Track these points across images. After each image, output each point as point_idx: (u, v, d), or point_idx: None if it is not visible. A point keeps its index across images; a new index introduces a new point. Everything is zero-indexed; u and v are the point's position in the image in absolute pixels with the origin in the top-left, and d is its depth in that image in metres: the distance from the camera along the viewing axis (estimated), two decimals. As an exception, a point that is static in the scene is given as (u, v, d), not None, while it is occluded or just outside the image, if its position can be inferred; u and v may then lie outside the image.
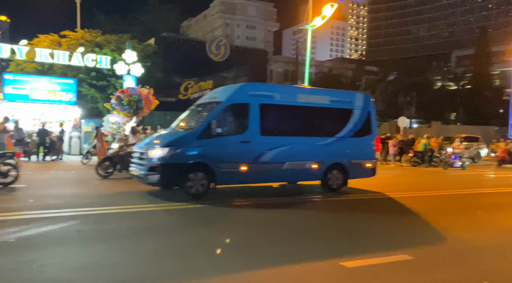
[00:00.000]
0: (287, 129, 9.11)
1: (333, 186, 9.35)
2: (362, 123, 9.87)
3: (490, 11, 77.71)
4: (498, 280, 4.08)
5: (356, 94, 10.51)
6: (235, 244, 5.13)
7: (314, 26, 21.38)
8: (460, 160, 17.52)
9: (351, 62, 64.29)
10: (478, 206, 8.72)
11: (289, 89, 10.51)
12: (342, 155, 9.43)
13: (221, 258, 4.57)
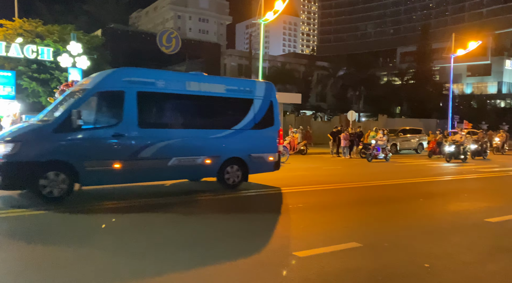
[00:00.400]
0: (174, 121, 8.25)
1: (231, 182, 8.69)
2: (264, 114, 9.27)
3: (430, 10, 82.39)
4: (439, 262, 4.37)
5: (257, 83, 9.68)
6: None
7: (266, 21, 21.48)
8: (383, 152, 17.53)
9: (303, 57, 65.48)
10: (420, 194, 9.29)
11: (176, 75, 9.27)
12: (240, 148, 8.81)
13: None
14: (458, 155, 17.52)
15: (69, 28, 25.13)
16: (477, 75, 65.05)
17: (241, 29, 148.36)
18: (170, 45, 35.85)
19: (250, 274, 3.90)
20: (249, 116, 9.04)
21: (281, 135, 9.71)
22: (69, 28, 25.14)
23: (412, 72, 50.80)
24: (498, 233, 5.73)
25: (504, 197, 9.08)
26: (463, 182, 11.81)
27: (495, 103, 57.41)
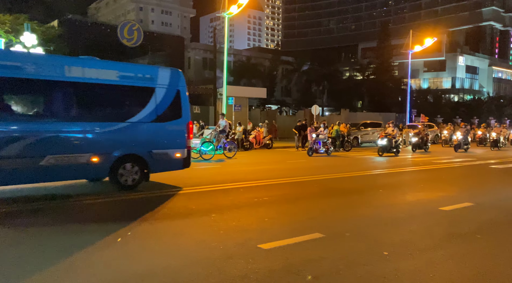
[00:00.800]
0: (47, 113, 7.17)
1: (127, 182, 7.70)
2: (169, 104, 8.31)
3: (390, 7, 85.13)
4: (396, 249, 4.58)
5: (160, 70, 8.51)
6: None
7: (230, 14, 21.38)
8: (324, 146, 17.17)
9: (268, 52, 65.83)
10: (379, 185, 9.65)
11: (52, 59, 7.57)
12: (138, 144, 7.84)
13: None
14: (391, 148, 17.15)
15: (23, 18, 23.91)
16: (433, 70, 68.12)
17: (205, 22, 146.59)
18: (132, 38, 34.86)
19: (214, 267, 3.91)
20: (150, 107, 8.01)
21: (191, 129, 8.69)
22: (22, 18, 23.91)
23: (373, 67, 52.43)
24: (451, 221, 6.07)
25: (456, 187, 9.62)
26: (419, 173, 12.39)
27: (449, 98, 60.43)
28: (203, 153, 14.40)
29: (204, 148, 14.47)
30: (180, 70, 8.88)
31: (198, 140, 14.68)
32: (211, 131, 15.39)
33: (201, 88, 31.69)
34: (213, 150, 14.65)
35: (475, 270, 4.00)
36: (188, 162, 8.69)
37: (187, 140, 8.56)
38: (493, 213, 6.66)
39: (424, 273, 3.87)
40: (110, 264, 4.02)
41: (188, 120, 8.62)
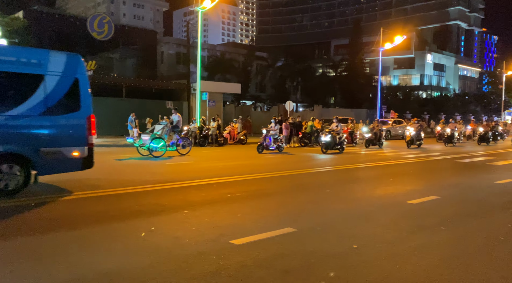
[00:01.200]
0: None
1: (8, 187, 6.56)
2: (63, 95, 7.23)
3: (362, 4, 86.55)
4: (365, 242, 4.71)
5: (51, 54, 7.38)
6: None
7: (204, 8, 21.17)
8: (275, 143, 16.52)
9: (242, 47, 65.61)
10: (350, 180, 9.87)
11: None
12: (19, 141, 6.69)
13: None
14: (335, 145, 16.41)
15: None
16: (403, 68, 70.01)
17: (179, 16, 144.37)
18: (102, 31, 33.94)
19: (185, 264, 3.90)
20: (37, 98, 6.86)
21: (93, 123, 7.51)
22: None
23: (345, 64, 53.27)
24: (418, 213, 6.28)
25: (422, 181, 9.96)
26: (387, 167, 12.74)
27: (418, 94, 62.32)
28: (154, 150, 13.51)
29: (155, 145, 13.53)
30: (79, 55, 7.69)
31: (148, 136, 13.70)
32: (162, 126, 14.41)
33: (175, 83, 31.25)
34: (164, 147, 13.76)
35: (438, 260, 4.17)
36: (89, 161, 7.53)
37: (88, 136, 7.40)
38: (457, 205, 6.94)
39: (390, 265, 3.99)
40: (76, 263, 3.92)
41: (89, 113, 7.46)
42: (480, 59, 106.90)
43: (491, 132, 25.08)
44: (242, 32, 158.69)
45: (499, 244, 4.79)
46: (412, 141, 20.08)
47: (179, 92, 29.63)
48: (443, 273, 3.82)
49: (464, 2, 79.01)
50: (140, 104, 25.22)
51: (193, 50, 29.80)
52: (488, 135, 24.31)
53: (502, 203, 7.14)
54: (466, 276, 3.76)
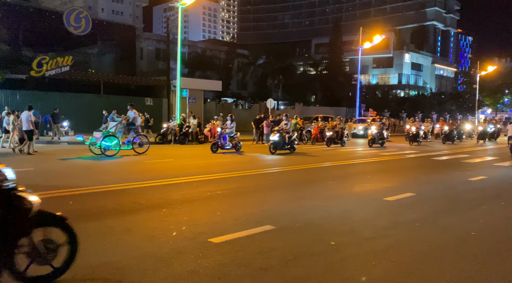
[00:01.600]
0: None
1: None
2: None
3: (342, 4, 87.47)
4: (343, 239, 4.76)
5: None
6: None
7: (184, 4, 20.96)
8: (231, 141, 15.52)
9: (224, 44, 65.25)
10: (329, 177, 9.97)
11: None
12: None
13: None
14: (284, 145, 15.20)
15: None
16: (382, 67, 71.21)
17: (159, 12, 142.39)
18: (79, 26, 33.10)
19: (162, 263, 3.86)
20: None
21: None
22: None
23: (326, 63, 53.74)
24: (394, 210, 6.41)
25: (399, 178, 10.16)
26: (366, 165, 12.95)
27: (396, 93, 63.52)
28: (106, 149, 12.71)
29: (107, 143, 12.73)
30: None
31: (100, 133, 12.89)
32: (116, 123, 13.43)
33: (154, 79, 30.84)
34: (118, 145, 12.93)
35: (413, 256, 4.26)
36: None
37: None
38: (431, 202, 7.11)
39: (367, 262, 4.06)
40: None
41: None
42: (455, 59, 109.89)
43: (456, 131, 24.75)
44: (223, 29, 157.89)
45: (471, 239, 4.94)
46: (374, 140, 19.58)
47: (158, 89, 29.26)
48: (418, 269, 3.91)
49: (440, 3, 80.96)
50: (118, 101, 24.78)
51: (173, 47, 29.41)
52: (453, 133, 23.75)
53: (474, 200, 7.36)
54: (439, 271, 3.85)
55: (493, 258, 4.28)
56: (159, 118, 25.12)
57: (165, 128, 19.89)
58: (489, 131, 26.73)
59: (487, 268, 3.99)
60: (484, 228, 5.43)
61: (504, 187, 8.92)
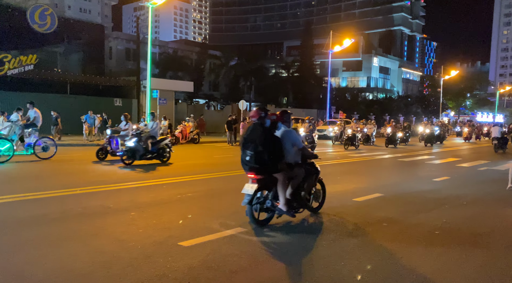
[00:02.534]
0: None
1: None
2: None
3: (312, 7, 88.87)
4: (313, 240, 4.82)
5: None
6: None
7: (155, 4, 20.62)
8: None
9: (195, 45, 64.76)
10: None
11: None
12: None
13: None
14: (145, 152, 11.58)
15: None
16: (351, 70, 72.86)
17: (129, 11, 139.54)
18: (44, 23, 31.91)
19: (130, 268, 3.77)
20: None
21: None
22: None
23: (297, 65, 54.40)
24: (363, 210, 6.54)
25: (368, 179, 10.41)
26: (334, 166, 13.20)
27: (365, 96, 65.11)
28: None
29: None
30: None
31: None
32: (9, 124, 11.73)
33: (124, 79, 30.17)
34: (11, 150, 11.00)
35: (380, 256, 4.37)
36: None
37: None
38: (398, 202, 7.33)
39: (336, 262, 4.12)
40: (10, 272, 3.65)
41: None
42: (421, 63, 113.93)
43: (402, 133, 23.44)
44: (195, 30, 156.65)
45: (434, 238, 5.12)
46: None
47: (128, 89, 28.65)
48: (384, 268, 4.01)
49: (407, 9, 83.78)
50: (86, 101, 24.08)
51: (143, 46, 28.89)
52: (395, 137, 22.29)
53: (438, 200, 7.64)
54: (404, 269, 3.97)
55: (456, 257, 4.45)
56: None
57: (135, 130, 19.49)
58: (436, 134, 24.96)
59: (452, 266, 4.15)
60: (447, 227, 5.65)
61: (465, 187, 9.32)
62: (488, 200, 7.82)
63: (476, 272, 3.99)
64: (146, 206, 6.36)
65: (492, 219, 6.30)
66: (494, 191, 8.74)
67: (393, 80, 78.40)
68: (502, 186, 8.64)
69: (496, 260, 4.35)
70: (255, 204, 5.28)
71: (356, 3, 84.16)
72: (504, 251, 4.69)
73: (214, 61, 52.30)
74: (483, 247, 4.81)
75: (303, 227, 5.47)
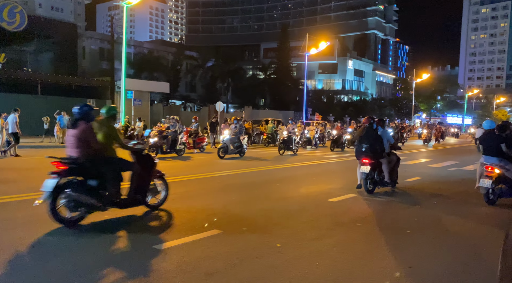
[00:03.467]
0: None
1: None
2: None
3: (289, 10, 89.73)
4: (288, 241, 4.85)
5: None
6: None
7: (130, 3, 20.31)
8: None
9: (172, 46, 64.08)
10: (277, 180, 10.14)
11: None
12: None
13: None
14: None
15: None
16: (327, 72, 73.93)
17: (103, 10, 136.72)
18: (13, 21, 30.85)
19: (102, 272, 3.69)
20: None
21: None
22: None
23: (274, 67, 54.75)
24: (337, 211, 6.65)
25: (342, 179, 10.57)
26: (310, 167, 13.35)
27: (340, 98, 66.18)
28: None
29: None
30: None
31: None
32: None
33: (97, 80, 29.51)
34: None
35: (354, 255, 4.45)
36: None
37: None
38: (371, 202, 7.48)
39: (311, 262, 4.17)
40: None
41: None
42: (394, 66, 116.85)
43: (351, 135, 20.01)
44: (171, 30, 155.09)
45: (406, 237, 5.26)
46: (226, 148, 14.78)
47: (102, 90, 28.05)
48: (359, 267, 4.08)
49: (380, 13, 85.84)
50: (58, 102, 23.39)
51: (118, 46, 28.37)
52: (342, 139, 20.14)
53: (410, 199, 7.85)
54: (377, 269, 4.06)
55: (427, 255, 4.59)
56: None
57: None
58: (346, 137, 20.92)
59: (423, 265, 4.27)
60: (418, 227, 5.81)
61: (436, 187, 9.60)
62: (457, 199, 8.09)
63: (446, 269, 4.12)
64: (119, 209, 6.21)
65: (461, 218, 6.52)
66: (462, 190, 9.06)
67: (367, 82, 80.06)
68: (470, 185, 8.96)
69: (465, 258, 4.50)
70: (367, 179, 7.98)
71: (332, 6, 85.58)
72: (473, 249, 4.86)
73: (190, 62, 51.91)
74: (453, 245, 4.97)
75: (278, 229, 5.49)
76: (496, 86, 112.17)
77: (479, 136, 8.78)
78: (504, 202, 7.56)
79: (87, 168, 5.18)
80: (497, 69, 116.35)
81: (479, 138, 8.40)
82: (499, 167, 7.27)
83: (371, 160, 7.85)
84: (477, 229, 5.87)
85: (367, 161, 7.83)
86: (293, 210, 6.55)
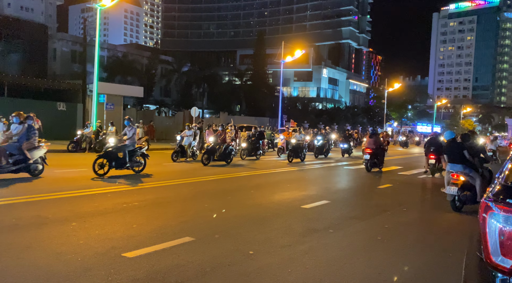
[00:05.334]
0: None
1: None
2: None
3: (265, 17, 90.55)
4: (261, 247, 4.83)
5: None
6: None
7: (103, 6, 19.91)
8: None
9: (146, 50, 63.21)
10: (251, 186, 10.11)
11: None
12: None
13: None
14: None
15: None
16: (302, 80, 74.90)
17: (76, 12, 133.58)
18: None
19: (69, 282, 3.55)
20: None
21: None
22: None
23: (250, 74, 54.96)
24: (310, 217, 6.69)
25: (315, 186, 10.68)
26: (284, 174, 13.41)
27: (315, 105, 67.13)
28: None
29: None
30: None
31: None
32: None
33: (68, 83, 28.66)
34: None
35: (326, 262, 4.47)
36: None
37: None
38: (343, 209, 7.58)
39: (283, 269, 4.16)
40: None
41: None
42: (367, 75, 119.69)
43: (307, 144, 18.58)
44: (146, 34, 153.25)
45: (376, 244, 5.34)
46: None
47: (73, 93, 27.25)
48: (331, 274, 4.10)
49: (354, 23, 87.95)
50: (25, 105, 22.51)
51: (90, 49, 27.70)
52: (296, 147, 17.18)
53: (380, 206, 8.00)
54: (348, 274, 4.09)
55: (397, 261, 4.67)
56: (73, 125, 23.40)
57: (79, 136, 18.57)
58: (318, 145, 19.57)
59: (393, 270, 4.34)
60: (389, 233, 5.92)
61: (405, 194, 9.85)
62: (425, 206, 8.31)
63: (414, 275, 4.20)
64: (88, 216, 6.03)
65: (429, 224, 6.70)
66: (430, 197, 9.32)
67: (341, 91, 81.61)
68: (438, 192, 9.23)
69: (434, 264, 4.61)
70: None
71: (307, 15, 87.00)
72: (441, 254, 4.99)
73: (166, 67, 51.33)
74: (422, 251, 5.09)
75: (251, 236, 5.46)
76: (463, 96, 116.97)
77: (444, 147, 9.08)
78: (470, 208, 7.83)
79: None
80: (464, 80, 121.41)
81: (443, 149, 8.68)
82: (464, 174, 7.53)
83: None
84: (445, 236, 6.03)
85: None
86: (266, 217, 6.53)
